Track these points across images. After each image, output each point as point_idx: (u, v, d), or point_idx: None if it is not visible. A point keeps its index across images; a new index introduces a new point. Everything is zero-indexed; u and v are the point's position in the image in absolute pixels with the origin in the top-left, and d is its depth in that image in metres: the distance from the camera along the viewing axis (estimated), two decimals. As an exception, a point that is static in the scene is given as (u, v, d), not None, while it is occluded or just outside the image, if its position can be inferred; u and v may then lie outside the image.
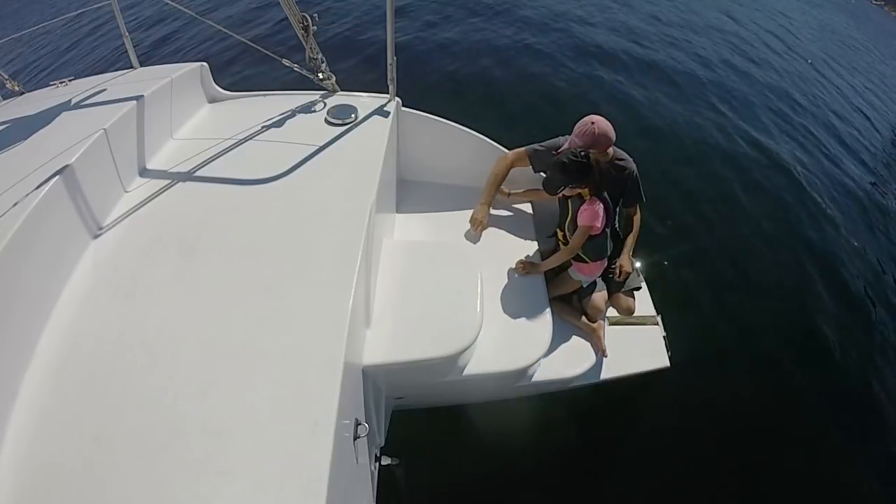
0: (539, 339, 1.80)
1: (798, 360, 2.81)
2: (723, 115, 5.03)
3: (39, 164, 1.45)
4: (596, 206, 1.80)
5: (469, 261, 1.84)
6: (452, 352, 1.54)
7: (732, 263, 3.28)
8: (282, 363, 1.17)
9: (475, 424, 2.15)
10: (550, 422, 2.19)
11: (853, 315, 3.15)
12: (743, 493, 2.26)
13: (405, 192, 2.38)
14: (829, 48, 9.57)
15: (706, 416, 2.44)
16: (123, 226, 1.54)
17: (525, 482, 2.15)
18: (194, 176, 1.72)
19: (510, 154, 2.20)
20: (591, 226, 1.80)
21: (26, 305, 1.23)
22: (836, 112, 6.29)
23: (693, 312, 2.82)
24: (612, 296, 2.15)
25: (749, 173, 4.21)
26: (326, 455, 0.99)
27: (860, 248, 3.79)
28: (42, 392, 1.13)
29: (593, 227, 1.80)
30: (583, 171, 1.74)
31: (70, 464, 1.01)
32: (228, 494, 0.96)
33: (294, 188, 1.68)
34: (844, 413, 2.61)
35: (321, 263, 1.41)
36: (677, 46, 6.49)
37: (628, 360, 2.12)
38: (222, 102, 2.28)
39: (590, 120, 1.90)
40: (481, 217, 2.18)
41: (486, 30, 5.92)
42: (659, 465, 2.27)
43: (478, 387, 1.90)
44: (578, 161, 1.73)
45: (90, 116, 1.74)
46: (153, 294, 1.33)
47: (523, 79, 4.95)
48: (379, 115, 2.07)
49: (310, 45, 1.96)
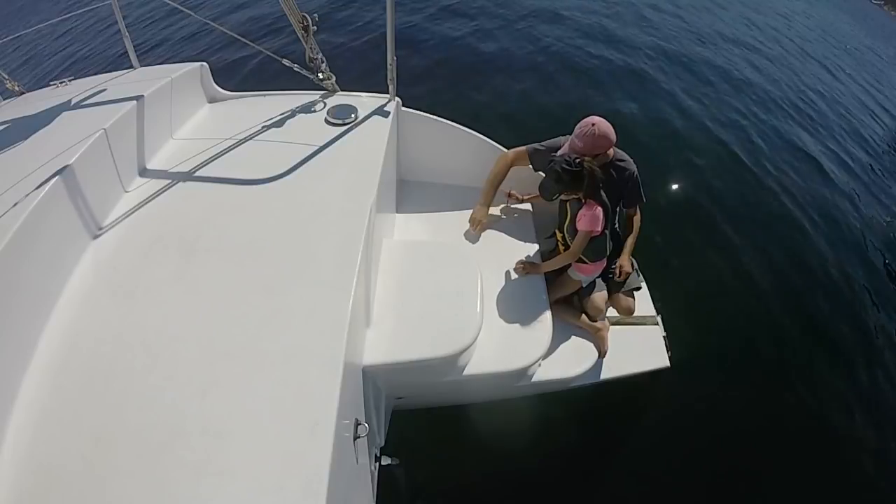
0: (539, 339, 1.79)
1: (798, 360, 2.81)
2: (731, 114, 5.04)
3: (39, 164, 1.45)
4: (594, 210, 1.79)
5: (469, 261, 1.84)
6: (452, 352, 1.54)
7: (732, 264, 3.28)
8: (282, 363, 1.16)
9: (475, 424, 2.15)
10: (550, 422, 2.20)
11: (853, 315, 3.15)
12: (743, 493, 2.27)
13: (405, 192, 2.38)
14: (828, 48, 9.56)
15: (706, 416, 2.44)
16: (123, 226, 1.54)
17: (525, 482, 2.15)
18: (194, 176, 1.72)
19: (510, 153, 2.19)
20: (592, 230, 1.79)
21: (26, 305, 1.23)
22: (835, 111, 6.29)
23: (693, 312, 2.81)
24: (612, 296, 2.15)
25: (748, 173, 4.21)
26: (326, 455, 0.99)
27: (861, 248, 3.80)
28: (42, 392, 1.13)
29: (594, 230, 1.80)
30: (576, 178, 1.73)
31: (70, 464, 1.01)
32: (228, 494, 0.96)
33: (294, 188, 1.68)
34: (845, 412, 2.61)
35: (321, 263, 1.41)
36: (666, 38, 6.50)
37: (628, 360, 2.12)
38: (222, 102, 2.27)
39: (590, 122, 1.89)
40: (480, 217, 2.18)
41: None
42: (659, 465, 2.27)
43: (478, 387, 1.90)
44: (572, 170, 1.72)
45: (90, 116, 1.74)
46: (153, 294, 1.33)
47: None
48: (379, 115, 2.07)
49: (310, 45, 1.96)
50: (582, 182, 1.73)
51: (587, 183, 1.74)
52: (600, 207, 1.80)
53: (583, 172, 1.72)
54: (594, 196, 1.79)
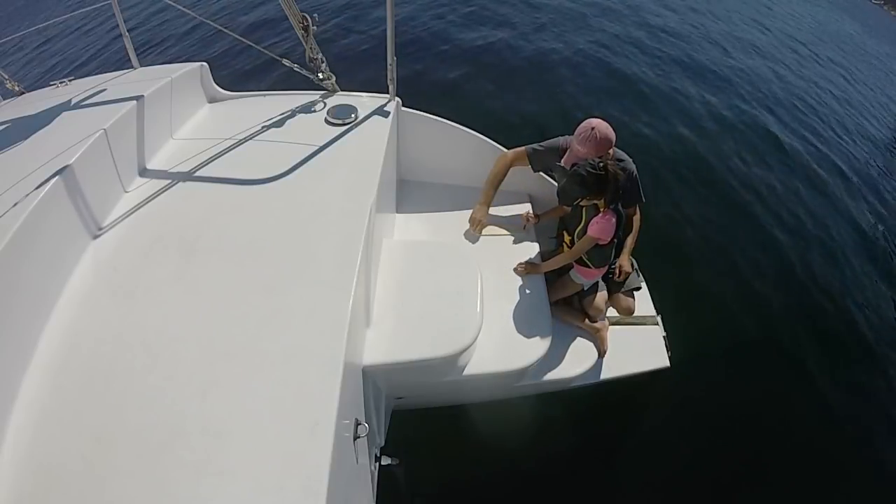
0: (539, 339, 1.79)
1: (798, 359, 2.81)
2: (731, 114, 5.03)
3: (39, 164, 1.45)
4: (610, 219, 1.75)
5: (469, 261, 1.84)
6: (452, 352, 1.54)
7: (733, 264, 3.28)
8: (282, 363, 1.16)
9: (475, 424, 2.15)
10: (550, 422, 2.20)
11: (854, 315, 3.15)
12: (743, 493, 2.27)
13: (405, 192, 2.38)
14: (827, 48, 9.56)
15: (706, 416, 2.44)
16: (123, 226, 1.54)
17: (525, 482, 2.15)
18: (194, 176, 1.72)
19: (510, 153, 2.19)
20: (599, 238, 1.77)
21: (26, 305, 1.23)
22: (836, 111, 6.28)
23: (693, 312, 2.81)
24: (612, 296, 2.15)
25: (746, 173, 4.21)
26: (326, 455, 0.99)
27: (862, 249, 3.80)
28: (42, 392, 1.13)
29: (601, 239, 1.78)
30: (601, 182, 1.67)
31: (70, 464, 1.01)
32: (228, 494, 0.96)
33: (294, 188, 1.68)
34: (845, 412, 2.61)
35: (321, 263, 1.41)
36: (663, 42, 6.50)
37: (628, 360, 2.12)
38: (222, 102, 2.27)
39: (589, 125, 1.84)
40: (480, 217, 2.18)
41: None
42: (659, 465, 2.27)
43: (478, 387, 1.90)
44: (596, 173, 1.66)
45: (90, 116, 1.74)
46: (153, 294, 1.33)
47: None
48: (379, 115, 2.07)
49: (310, 45, 1.96)
50: (606, 186, 1.68)
51: (611, 188, 1.68)
52: (615, 218, 1.76)
53: (607, 175, 1.66)
54: (614, 202, 1.75)
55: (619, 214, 1.79)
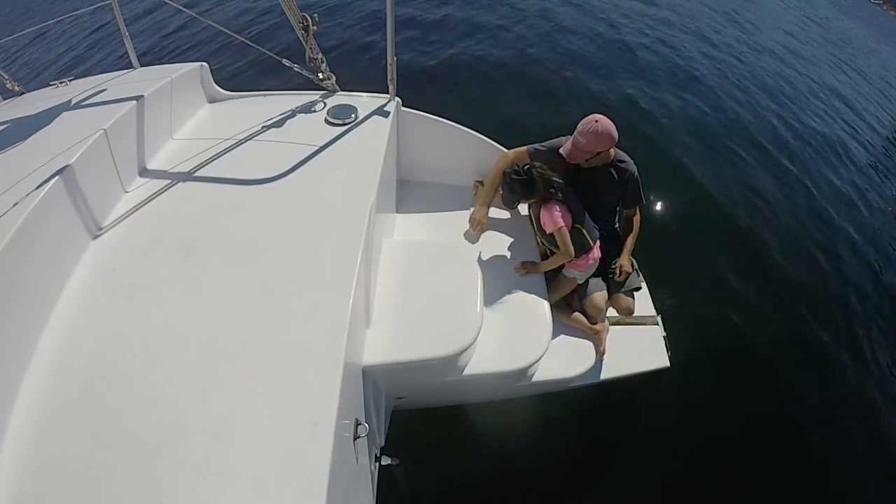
0: (539, 339, 1.79)
1: (797, 360, 2.81)
2: (730, 112, 5.04)
3: (39, 164, 1.45)
4: (551, 209, 1.88)
5: (469, 261, 1.84)
6: (452, 352, 1.54)
7: (733, 264, 3.27)
8: (282, 363, 1.16)
9: (475, 424, 2.15)
10: (550, 422, 2.20)
11: (854, 316, 3.15)
12: (743, 493, 2.27)
13: (405, 192, 2.38)
14: (828, 48, 9.56)
15: (706, 416, 2.44)
16: (123, 226, 1.54)
17: (525, 482, 2.16)
18: (194, 176, 1.72)
19: (510, 153, 2.19)
20: (558, 227, 1.87)
21: (26, 305, 1.23)
22: (836, 110, 6.28)
23: (693, 312, 2.81)
24: (612, 296, 2.15)
25: (745, 173, 4.21)
26: (326, 455, 0.99)
27: (863, 249, 3.79)
28: (42, 392, 1.13)
29: (560, 227, 1.87)
30: (527, 186, 1.87)
31: (70, 464, 1.01)
32: (228, 495, 0.96)
33: (294, 188, 1.67)
34: (843, 412, 2.61)
35: (321, 263, 1.41)
36: (664, 41, 6.49)
37: (628, 360, 2.12)
38: (222, 102, 2.27)
39: (594, 118, 1.90)
40: (480, 217, 2.18)
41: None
42: (659, 465, 2.27)
43: (478, 387, 1.90)
44: (521, 178, 1.86)
45: (90, 116, 1.74)
46: (153, 294, 1.33)
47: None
48: (379, 115, 2.07)
49: (310, 45, 1.96)
50: (533, 188, 1.86)
51: (538, 187, 1.85)
52: (557, 205, 1.88)
53: (531, 178, 1.85)
54: (549, 197, 1.88)
55: (561, 201, 1.90)
